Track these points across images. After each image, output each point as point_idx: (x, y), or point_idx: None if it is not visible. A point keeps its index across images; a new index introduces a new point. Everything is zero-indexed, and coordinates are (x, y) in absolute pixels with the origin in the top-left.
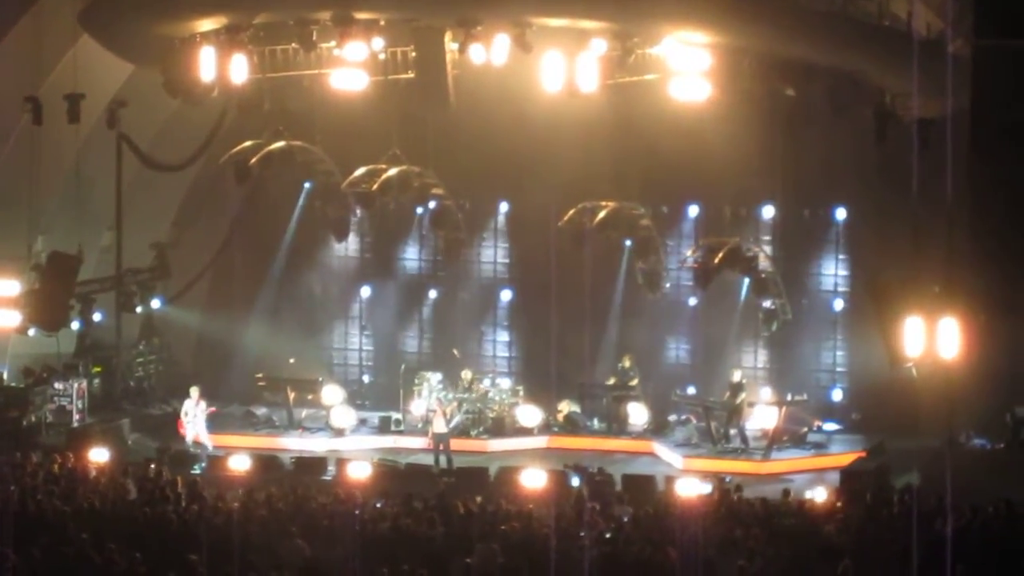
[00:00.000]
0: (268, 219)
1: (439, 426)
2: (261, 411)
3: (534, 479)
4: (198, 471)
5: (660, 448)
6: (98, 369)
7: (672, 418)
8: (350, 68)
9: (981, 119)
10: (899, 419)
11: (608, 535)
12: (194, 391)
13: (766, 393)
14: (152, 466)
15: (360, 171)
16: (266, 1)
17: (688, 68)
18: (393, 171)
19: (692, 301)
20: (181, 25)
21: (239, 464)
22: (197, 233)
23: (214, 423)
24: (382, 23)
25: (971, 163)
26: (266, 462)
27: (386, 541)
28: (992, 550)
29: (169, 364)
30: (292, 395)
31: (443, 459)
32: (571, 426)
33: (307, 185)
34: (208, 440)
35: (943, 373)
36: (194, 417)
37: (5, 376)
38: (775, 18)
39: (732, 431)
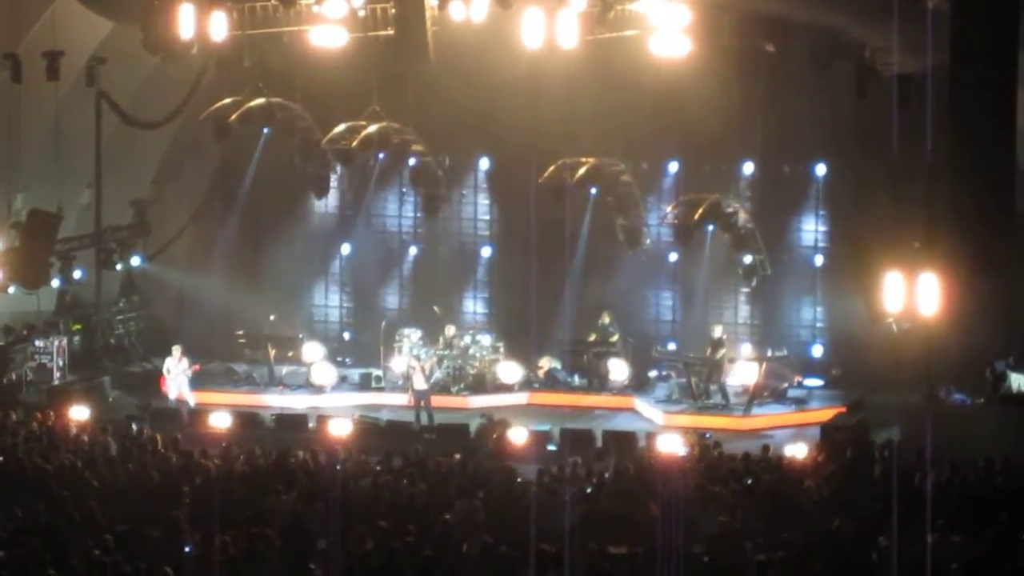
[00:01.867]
0: (247, 176)
1: (419, 383)
2: (242, 368)
3: (515, 435)
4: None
5: (641, 404)
6: (78, 327)
7: (653, 374)
8: (330, 25)
9: (960, 74)
10: (879, 375)
11: (589, 490)
12: (176, 349)
13: (746, 349)
14: (133, 423)
15: (340, 128)
16: None
17: (668, 24)
18: (373, 128)
19: (672, 257)
20: None
21: (220, 421)
22: (177, 190)
23: (195, 380)
24: None
25: (951, 118)
26: (247, 419)
27: (367, 497)
28: (971, 505)
29: (149, 321)
30: (272, 352)
31: (424, 416)
32: (552, 382)
33: (265, 131)
34: (191, 397)
35: (923, 329)
36: (177, 375)
37: None
38: None
39: (713, 387)
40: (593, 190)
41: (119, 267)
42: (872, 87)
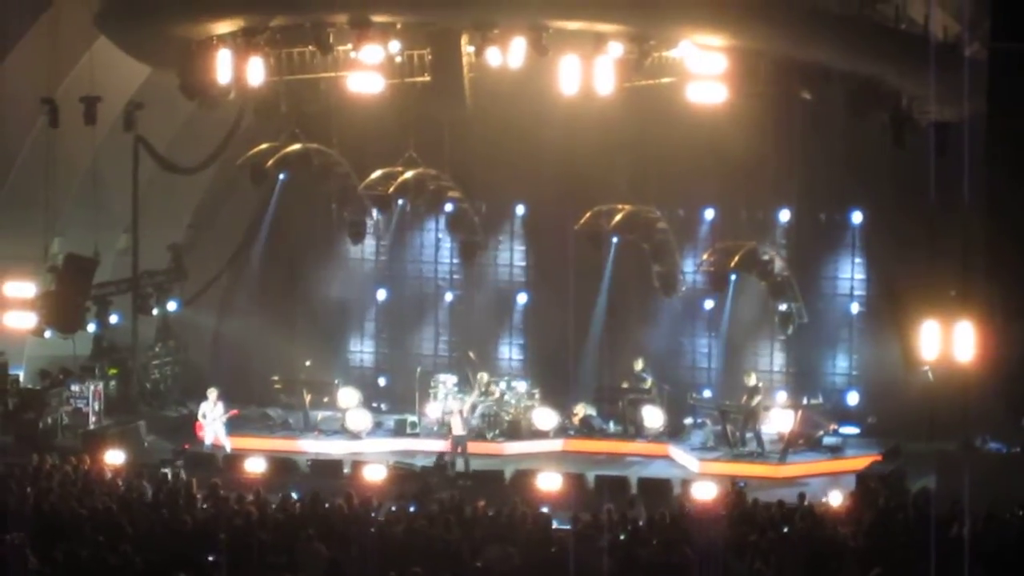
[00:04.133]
0: (284, 221)
1: (457, 428)
2: (277, 413)
3: (550, 482)
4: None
5: (676, 451)
6: (114, 371)
7: (688, 421)
8: (367, 71)
9: (998, 123)
10: (915, 423)
11: (622, 537)
12: (211, 393)
13: (782, 396)
14: (168, 468)
15: (376, 174)
16: (283, 4)
17: (704, 71)
18: (409, 174)
19: (708, 304)
20: (198, 27)
21: (255, 466)
22: (213, 235)
23: (230, 425)
24: (398, 26)
25: (988, 167)
26: (282, 464)
27: (401, 543)
28: (1008, 555)
29: (185, 366)
30: (308, 397)
31: (460, 461)
32: (587, 429)
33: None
34: (227, 442)
35: (959, 377)
36: (213, 419)
37: (21, 378)
38: (792, 21)
39: (748, 434)
40: (629, 237)
41: (155, 312)
42: (909, 135)
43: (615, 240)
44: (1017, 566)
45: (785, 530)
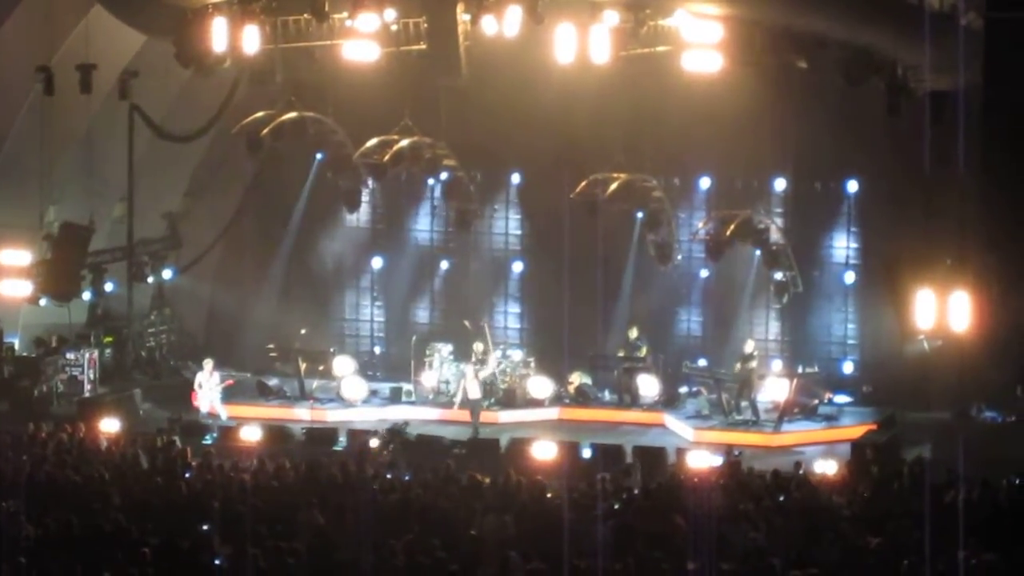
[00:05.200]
0: (280, 190)
1: (473, 391)
2: (272, 382)
3: (545, 451)
4: (209, 441)
5: (671, 420)
6: (110, 339)
7: (683, 390)
8: (362, 39)
9: (993, 92)
10: (910, 392)
11: (617, 506)
12: (207, 363)
13: (777, 365)
14: (163, 436)
15: (372, 142)
16: None
17: (700, 40)
18: (405, 142)
19: (704, 273)
20: None
21: (250, 435)
22: (209, 204)
23: (226, 393)
24: None
25: (983, 136)
26: (277, 432)
27: (397, 512)
28: (1003, 522)
29: (180, 334)
30: (303, 366)
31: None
32: (582, 398)
33: (319, 156)
34: (223, 411)
35: (954, 346)
36: (208, 389)
37: (17, 346)
38: None
39: (743, 403)
40: (639, 214)
41: (151, 280)
42: (905, 104)
43: (639, 216)
44: (1012, 533)
45: (780, 499)
